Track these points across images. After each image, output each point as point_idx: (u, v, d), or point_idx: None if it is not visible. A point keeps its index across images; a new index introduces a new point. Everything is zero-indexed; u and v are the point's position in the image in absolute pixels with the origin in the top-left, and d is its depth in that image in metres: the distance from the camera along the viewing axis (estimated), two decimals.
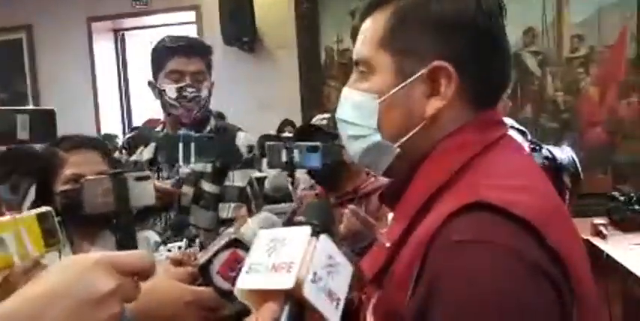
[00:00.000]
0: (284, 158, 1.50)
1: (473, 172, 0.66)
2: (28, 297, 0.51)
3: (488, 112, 0.73)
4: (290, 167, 1.50)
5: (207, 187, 1.62)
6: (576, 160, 1.88)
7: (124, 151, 1.77)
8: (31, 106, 1.18)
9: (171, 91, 1.61)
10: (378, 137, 0.73)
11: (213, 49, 1.73)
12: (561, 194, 1.75)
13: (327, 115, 1.88)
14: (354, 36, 0.78)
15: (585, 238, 2.31)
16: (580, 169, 1.87)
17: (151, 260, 0.58)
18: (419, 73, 0.69)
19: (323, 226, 0.59)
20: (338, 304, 0.54)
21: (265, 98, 4.41)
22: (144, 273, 0.57)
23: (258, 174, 1.15)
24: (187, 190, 1.61)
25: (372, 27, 0.74)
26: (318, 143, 1.55)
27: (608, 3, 3.89)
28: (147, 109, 4.23)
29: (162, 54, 1.65)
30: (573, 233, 0.67)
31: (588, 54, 3.97)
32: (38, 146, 1.18)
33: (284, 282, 0.51)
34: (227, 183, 1.63)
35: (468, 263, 0.57)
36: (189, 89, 1.60)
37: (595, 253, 2.18)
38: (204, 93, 1.64)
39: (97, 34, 4.73)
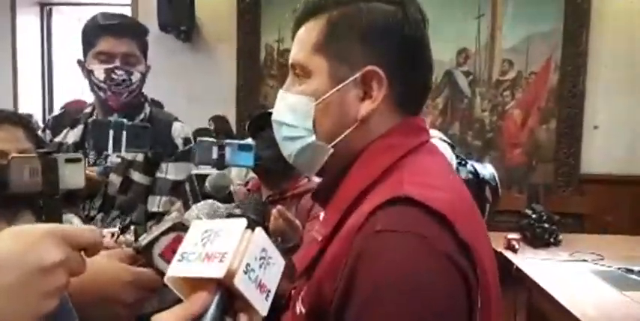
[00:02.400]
0: (214, 156, 1.46)
1: (399, 171, 0.71)
2: None
3: (413, 118, 0.78)
4: (220, 165, 1.47)
5: (136, 177, 1.54)
6: (496, 176, 1.98)
7: (47, 130, 1.64)
8: None
9: (99, 72, 1.51)
10: (313, 138, 0.76)
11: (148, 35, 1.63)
12: (482, 207, 1.85)
13: None
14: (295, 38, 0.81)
15: (499, 250, 2.43)
16: (499, 184, 1.98)
17: (100, 236, 0.57)
18: (353, 77, 0.74)
19: (259, 220, 0.59)
20: (268, 295, 0.55)
21: (198, 91, 4.31)
22: (92, 248, 0.57)
23: (199, 171, 1.09)
24: (115, 178, 1.52)
25: (308, 33, 0.77)
26: (250, 142, 1.52)
27: (537, 32, 4.13)
28: (71, 89, 4.00)
29: (92, 32, 1.54)
30: (482, 229, 0.73)
31: (515, 78, 4.20)
32: None
33: (216, 271, 0.52)
34: (159, 175, 1.55)
35: (385, 250, 0.61)
36: (119, 72, 1.51)
37: (506, 265, 2.30)
38: (135, 77, 1.54)
39: (22, 7, 4.42)
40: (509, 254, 2.42)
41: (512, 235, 2.55)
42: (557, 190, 4.15)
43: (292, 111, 0.77)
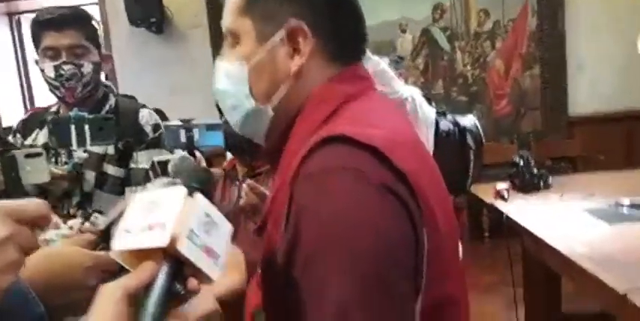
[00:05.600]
0: (183, 139, 1.46)
1: (336, 118, 0.71)
2: None
3: (351, 67, 0.78)
4: (190, 147, 1.47)
5: (111, 170, 1.55)
6: (478, 124, 1.98)
7: (17, 134, 1.65)
8: None
9: (49, 70, 1.49)
10: (252, 103, 0.77)
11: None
12: (466, 154, 1.88)
13: None
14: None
15: (489, 202, 2.43)
16: (482, 132, 1.99)
17: (47, 208, 0.58)
18: (277, 34, 0.74)
19: (201, 186, 0.61)
20: (217, 260, 0.56)
21: (177, 81, 4.28)
22: (40, 220, 0.57)
23: (160, 157, 1.09)
24: (89, 174, 1.53)
25: None
26: (218, 121, 1.53)
27: None
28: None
29: (36, 30, 1.53)
30: (428, 165, 0.74)
31: (493, 28, 4.14)
32: None
33: (159, 239, 0.52)
34: (132, 165, 1.55)
35: (324, 189, 0.62)
36: (66, 67, 1.48)
37: (497, 215, 2.29)
38: (86, 69, 1.51)
39: None
40: (499, 204, 2.42)
41: (500, 185, 2.54)
42: (548, 136, 4.14)
43: (228, 78, 0.78)
